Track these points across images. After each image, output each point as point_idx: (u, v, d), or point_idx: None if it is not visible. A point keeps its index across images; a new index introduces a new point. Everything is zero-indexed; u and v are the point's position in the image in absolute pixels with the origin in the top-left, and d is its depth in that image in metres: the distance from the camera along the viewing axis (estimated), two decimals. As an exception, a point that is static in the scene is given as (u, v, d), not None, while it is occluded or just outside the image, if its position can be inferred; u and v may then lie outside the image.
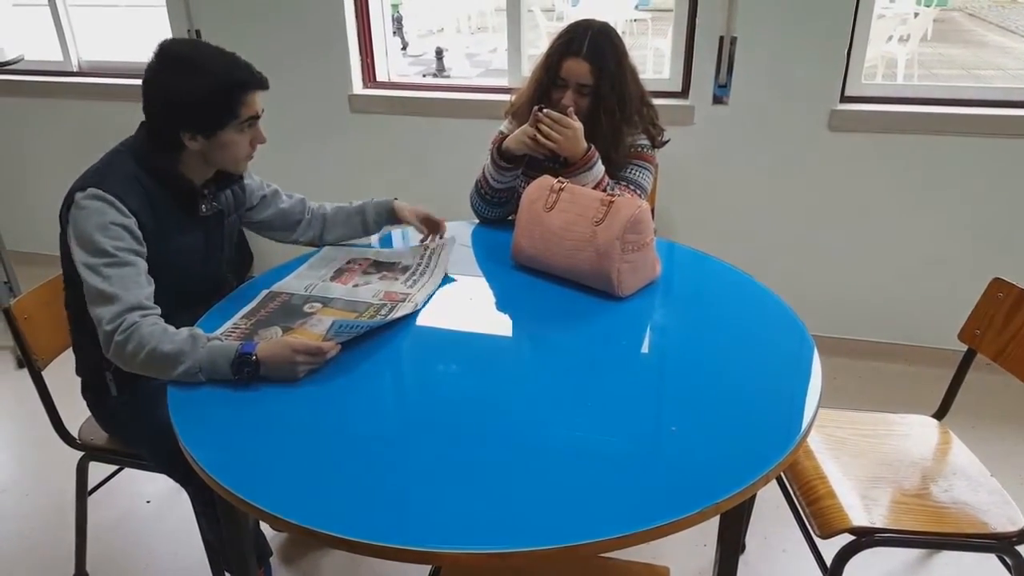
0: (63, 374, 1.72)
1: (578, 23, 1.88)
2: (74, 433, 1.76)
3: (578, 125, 1.80)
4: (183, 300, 1.52)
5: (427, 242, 1.87)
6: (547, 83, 1.89)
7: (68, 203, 1.47)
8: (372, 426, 1.24)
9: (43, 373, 1.68)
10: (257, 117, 1.52)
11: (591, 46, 1.82)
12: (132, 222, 1.45)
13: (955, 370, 1.75)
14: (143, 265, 1.46)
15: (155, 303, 1.44)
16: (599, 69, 1.82)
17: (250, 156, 1.58)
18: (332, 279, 1.70)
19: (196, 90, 1.43)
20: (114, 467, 1.90)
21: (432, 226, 1.87)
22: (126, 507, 2.18)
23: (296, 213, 1.85)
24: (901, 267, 2.73)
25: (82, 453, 1.76)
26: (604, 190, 1.83)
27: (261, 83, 1.50)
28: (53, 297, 1.71)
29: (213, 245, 1.67)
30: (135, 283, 1.42)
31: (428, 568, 1.66)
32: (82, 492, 1.82)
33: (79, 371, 1.67)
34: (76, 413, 1.77)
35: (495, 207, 1.99)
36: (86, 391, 1.69)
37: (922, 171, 2.58)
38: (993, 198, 2.56)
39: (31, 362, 1.65)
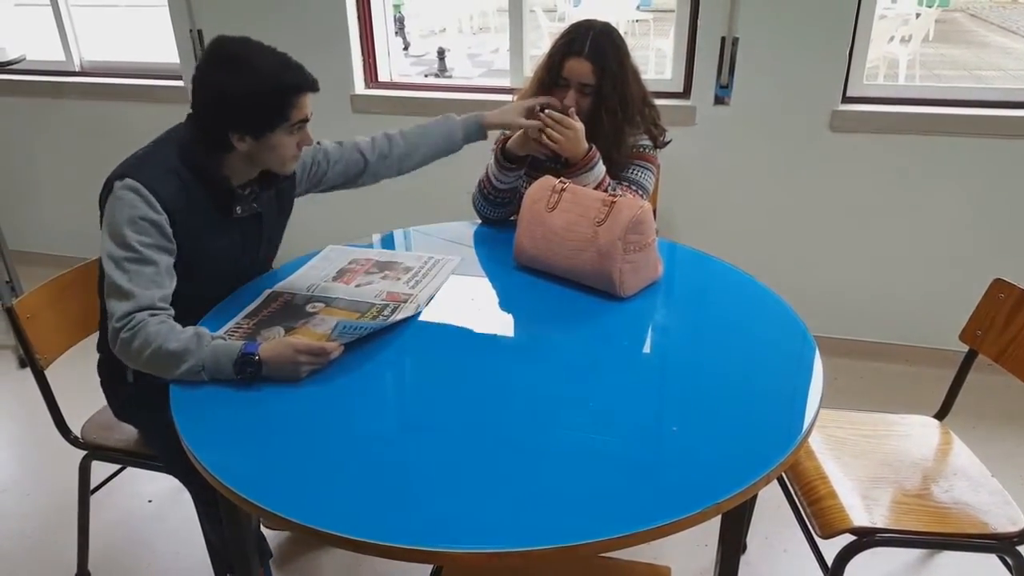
0: (66, 373, 1.73)
1: (580, 23, 1.88)
2: (76, 432, 1.76)
3: (579, 126, 1.80)
4: (211, 296, 1.52)
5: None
6: (549, 83, 1.89)
7: (107, 189, 1.46)
8: (373, 426, 1.25)
9: (45, 372, 1.68)
10: (307, 120, 1.51)
11: (593, 46, 1.82)
12: (164, 219, 1.44)
13: (956, 371, 1.75)
14: (166, 263, 1.45)
15: (185, 298, 1.44)
16: (601, 69, 1.82)
17: (297, 158, 1.56)
18: (334, 279, 1.70)
19: (247, 90, 1.41)
20: (116, 466, 1.91)
21: (534, 112, 1.81)
22: (127, 507, 2.19)
23: (353, 165, 1.82)
24: (902, 268, 2.73)
25: (84, 452, 1.76)
26: (605, 190, 1.83)
27: (313, 85, 1.49)
28: (56, 296, 1.72)
29: (249, 245, 1.65)
30: (153, 282, 1.42)
31: (429, 567, 1.67)
32: (84, 491, 1.83)
33: (100, 348, 1.66)
34: (78, 412, 1.77)
35: (497, 207, 1.99)
36: (102, 371, 1.68)
37: (923, 172, 2.58)
38: (994, 199, 2.56)
39: (34, 361, 1.65)
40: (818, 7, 2.44)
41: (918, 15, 8.19)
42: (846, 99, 2.59)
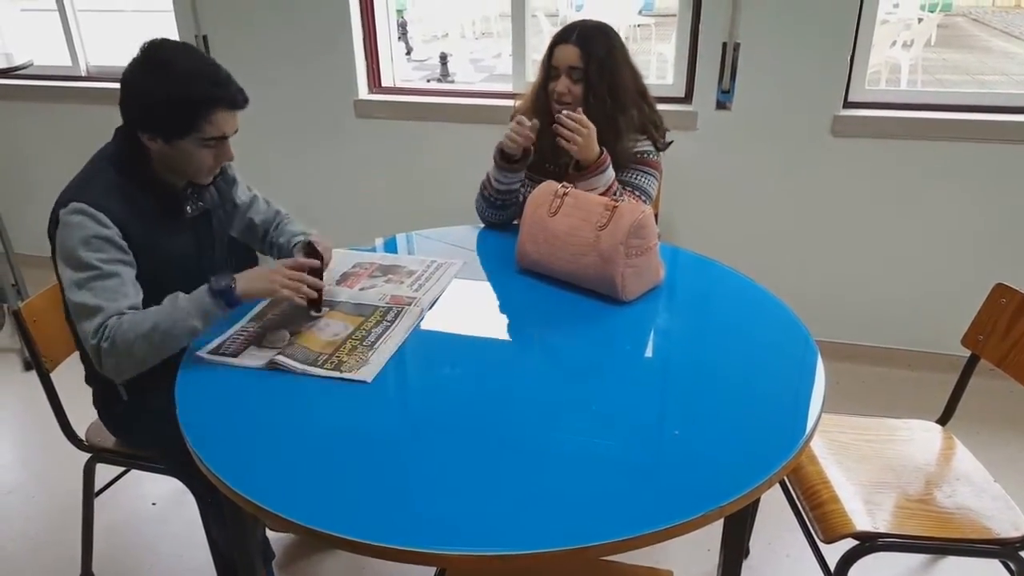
0: (70, 376, 1.74)
1: (575, 20, 1.94)
2: (81, 435, 1.76)
3: (593, 126, 1.83)
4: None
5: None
6: (545, 77, 1.94)
7: (53, 221, 1.47)
8: (377, 428, 1.25)
9: (51, 375, 1.69)
10: (224, 137, 1.49)
11: (580, 32, 1.88)
12: (115, 232, 1.44)
13: (958, 375, 1.75)
14: (129, 274, 1.46)
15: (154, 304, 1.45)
16: (587, 53, 1.85)
17: (213, 170, 1.55)
18: (338, 283, 1.71)
19: (158, 93, 1.42)
20: (120, 469, 1.91)
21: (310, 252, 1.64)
22: (131, 509, 2.19)
23: (267, 224, 1.83)
24: (904, 272, 2.73)
25: (89, 455, 1.77)
26: (612, 193, 1.85)
27: (233, 103, 1.46)
28: (60, 300, 1.72)
29: (204, 245, 1.67)
30: (119, 293, 1.42)
31: (432, 570, 1.67)
32: (89, 494, 1.84)
33: (89, 380, 1.68)
34: (83, 415, 1.78)
35: (498, 210, 2.00)
36: (97, 400, 1.70)
37: (925, 177, 2.58)
38: (995, 204, 2.56)
39: (40, 364, 1.66)
40: (819, 12, 2.44)
41: (920, 20, 8.21)
42: (848, 104, 2.59)
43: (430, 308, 1.60)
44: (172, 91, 1.42)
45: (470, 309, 1.64)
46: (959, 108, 2.54)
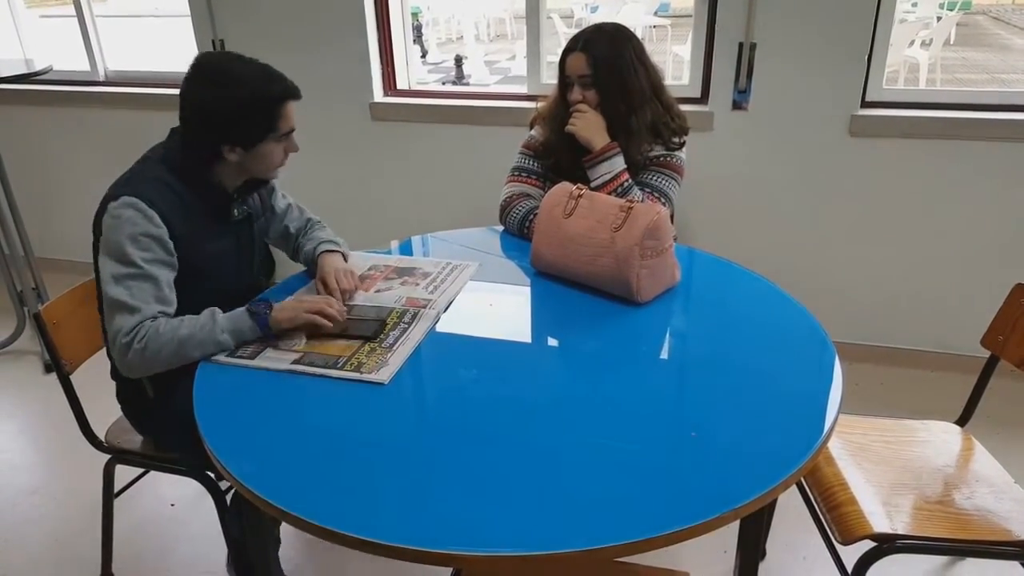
0: (90, 378, 1.76)
1: (588, 26, 1.95)
2: (101, 436, 1.78)
3: (593, 114, 1.87)
4: (220, 304, 1.55)
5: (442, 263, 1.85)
6: (561, 87, 1.96)
7: (101, 212, 1.50)
8: (394, 430, 1.26)
9: (71, 377, 1.71)
10: (293, 129, 1.56)
11: (587, 39, 1.88)
12: (164, 232, 1.47)
13: (978, 376, 1.74)
14: (167, 278, 1.49)
15: (192, 308, 1.48)
16: (594, 59, 1.87)
17: (282, 164, 1.61)
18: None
19: (236, 104, 1.46)
20: (139, 470, 1.93)
21: (326, 288, 1.65)
22: (151, 509, 2.21)
23: (299, 233, 1.85)
24: (923, 272, 2.71)
25: (109, 456, 1.79)
26: (621, 185, 1.87)
27: (296, 93, 1.53)
28: (81, 302, 1.75)
29: (244, 248, 1.70)
30: (156, 297, 1.46)
31: (449, 570, 1.67)
32: (109, 495, 1.85)
33: (115, 375, 1.69)
34: (103, 416, 1.80)
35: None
36: (120, 395, 1.72)
37: (944, 177, 2.56)
38: (1015, 204, 2.53)
39: (60, 367, 1.68)
40: (836, 11, 2.43)
41: (939, 18, 8.14)
42: (865, 104, 2.58)
43: (445, 310, 1.61)
44: (247, 97, 1.46)
45: (485, 311, 1.65)
46: (978, 107, 2.52)
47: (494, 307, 1.67)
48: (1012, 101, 2.52)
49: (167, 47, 9.44)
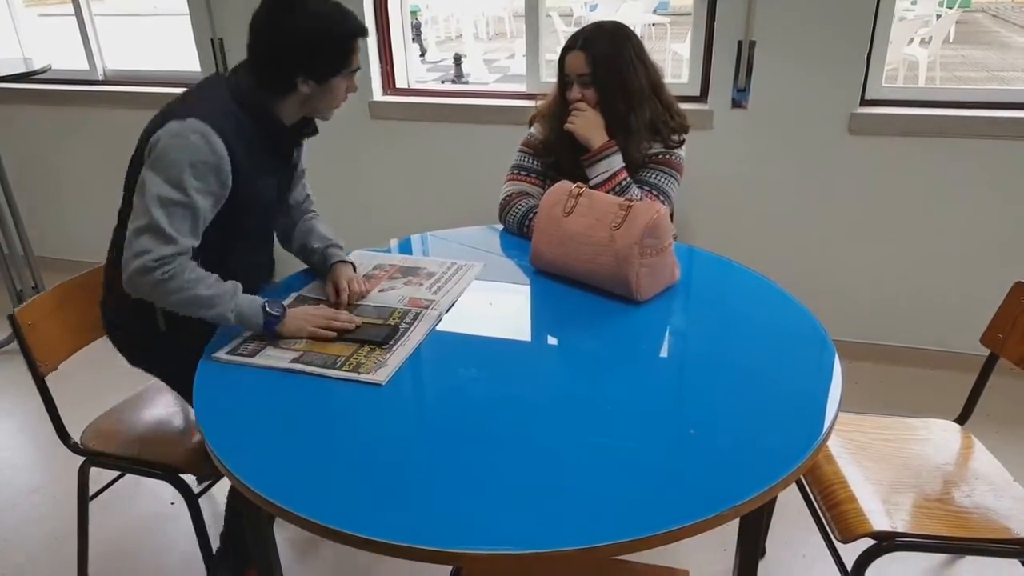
0: (72, 378, 1.74)
1: (588, 24, 1.95)
2: (77, 438, 1.76)
3: (592, 113, 1.88)
4: (247, 242, 1.54)
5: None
6: (561, 85, 1.96)
7: (158, 126, 1.46)
8: (393, 429, 1.26)
9: (50, 377, 1.69)
10: (359, 68, 1.58)
11: (586, 38, 1.88)
12: (225, 162, 1.46)
13: (977, 374, 1.74)
14: (209, 209, 1.48)
15: (220, 244, 1.50)
16: (593, 57, 1.87)
17: (340, 105, 1.62)
18: (356, 284, 1.72)
19: (316, 35, 1.47)
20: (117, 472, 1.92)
21: (336, 293, 1.65)
22: (151, 508, 2.21)
23: (296, 206, 1.83)
24: (922, 270, 2.71)
25: (84, 459, 1.75)
26: (619, 184, 1.86)
27: (365, 32, 1.55)
28: (59, 303, 1.74)
29: (283, 192, 1.70)
30: (192, 231, 1.46)
31: (448, 569, 1.68)
32: (83, 498, 1.82)
33: (115, 303, 1.64)
34: (81, 417, 1.79)
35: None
36: (118, 321, 1.68)
37: (943, 175, 2.56)
38: (1015, 201, 2.53)
39: (35, 368, 1.66)
40: (836, 9, 2.43)
41: (939, 16, 8.14)
42: (865, 102, 2.58)
43: (448, 311, 1.61)
44: (325, 30, 1.48)
45: (485, 310, 1.65)
46: (978, 105, 2.52)
47: (494, 306, 1.67)
48: (1012, 99, 2.52)
49: (166, 46, 9.43)
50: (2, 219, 2.99)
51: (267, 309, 1.48)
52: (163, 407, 1.89)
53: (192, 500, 1.67)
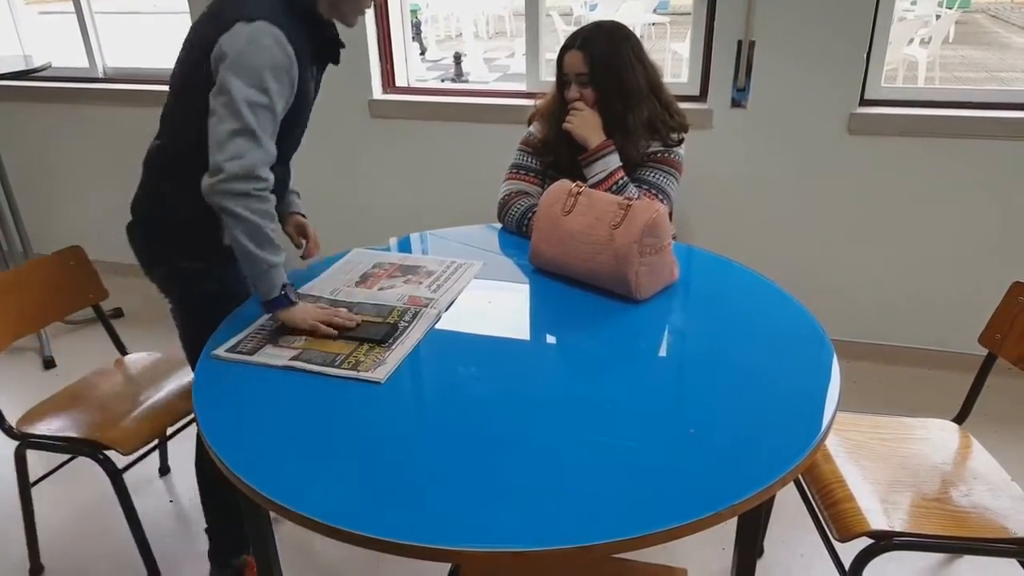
0: (13, 367, 1.74)
1: (585, 24, 1.95)
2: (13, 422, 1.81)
3: (590, 112, 1.88)
4: (281, 154, 1.52)
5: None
6: (559, 85, 1.96)
7: (223, 28, 1.41)
8: (392, 427, 1.26)
9: None
10: None
11: (585, 37, 1.89)
12: (294, 65, 1.45)
13: (975, 374, 1.74)
14: (281, 113, 1.47)
15: None
16: (591, 56, 1.87)
17: (363, 13, 1.61)
18: (357, 284, 1.72)
19: None
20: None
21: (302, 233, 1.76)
22: (150, 508, 2.22)
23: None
24: (921, 270, 2.71)
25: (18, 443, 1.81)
26: (616, 183, 1.87)
27: None
28: (4, 289, 1.80)
29: (312, 102, 1.66)
30: (274, 134, 1.46)
31: (447, 567, 1.68)
32: (24, 482, 1.87)
33: (162, 210, 1.61)
34: (23, 400, 1.81)
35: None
36: (168, 219, 1.62)
37: (943, 175, 2.56)
38: (1013, 201, 2.54)
39: None
40: (836, 9, 2.43)
41: (938, 16, 8.14)
42: (864, 102, 2.58)
43: (447, 309, 1.61)
44: None
45: (484, 309, 1.65)
46: (977, 105, 2.53)
47: (493, 304, 1.67)
48: (1011, 99, 2.52)
49: (166, 44, 9.43)
50: (1, 216, 2.99)
51: (286, 291, 1.48)
52: (108, 388, 1.97)
53: (116, 476, 1.71)
